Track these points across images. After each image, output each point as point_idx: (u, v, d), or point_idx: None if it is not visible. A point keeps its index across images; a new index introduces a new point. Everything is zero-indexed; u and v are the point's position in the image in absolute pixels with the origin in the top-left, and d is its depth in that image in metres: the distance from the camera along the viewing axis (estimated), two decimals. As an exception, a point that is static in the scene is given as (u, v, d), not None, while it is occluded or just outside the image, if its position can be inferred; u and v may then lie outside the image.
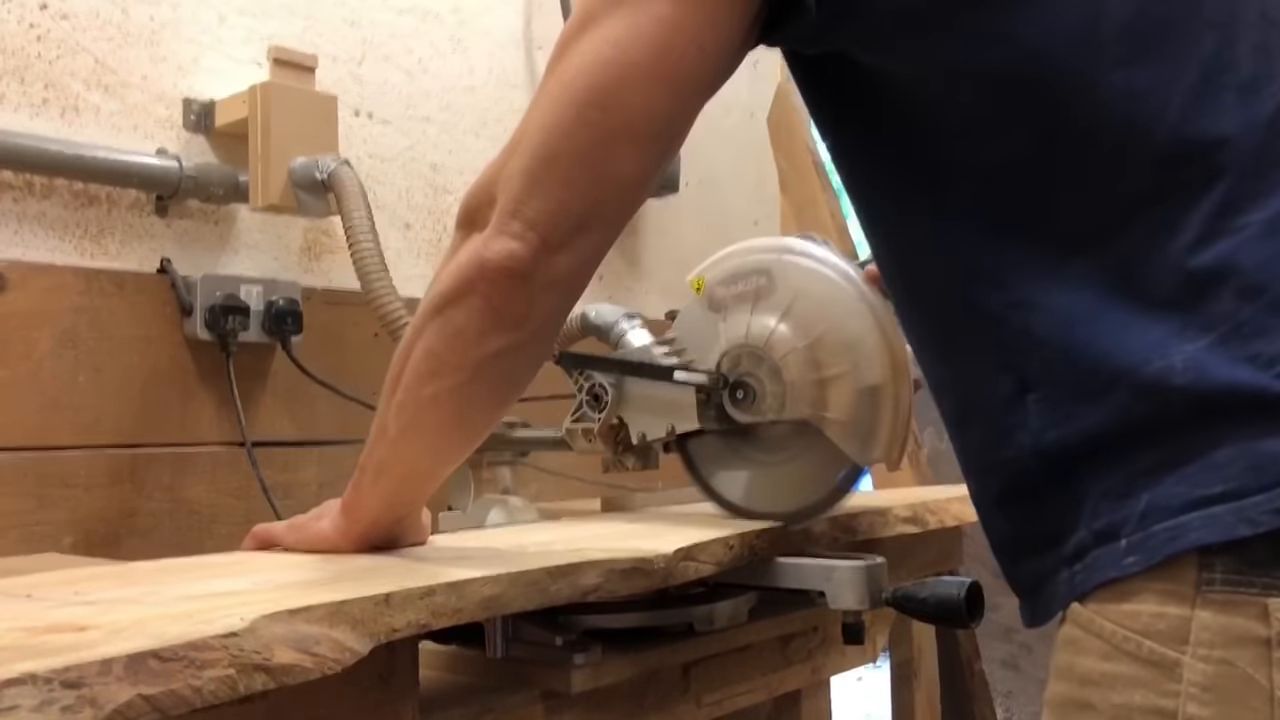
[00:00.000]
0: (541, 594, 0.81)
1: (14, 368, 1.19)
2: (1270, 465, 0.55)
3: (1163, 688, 0.57)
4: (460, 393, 0.78)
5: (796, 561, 1.06)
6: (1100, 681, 0.60)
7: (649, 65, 0.67)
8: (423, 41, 1.66)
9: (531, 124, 0.71)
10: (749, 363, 1.07)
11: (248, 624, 0.58)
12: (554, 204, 0.70)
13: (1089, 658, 0.61)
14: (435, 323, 0.76)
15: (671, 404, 1.13)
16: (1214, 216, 0.60)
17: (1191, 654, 0.56)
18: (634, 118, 0.69)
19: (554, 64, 0.71)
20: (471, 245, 0.74)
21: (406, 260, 1.62)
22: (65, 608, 0.68)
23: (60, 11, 1.26)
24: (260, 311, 1.37)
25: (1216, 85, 0.62)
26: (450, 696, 0.92)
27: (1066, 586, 0.63)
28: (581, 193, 0.70)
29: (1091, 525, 0.61)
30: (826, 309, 1.01)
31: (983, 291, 0.67)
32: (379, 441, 0.84)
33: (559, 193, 0.70)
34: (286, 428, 1.43)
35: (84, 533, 1.23)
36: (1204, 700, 0.55)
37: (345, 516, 0.89)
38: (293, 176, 1.32)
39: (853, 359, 0.99)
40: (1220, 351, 0.58)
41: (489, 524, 1.25)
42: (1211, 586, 0.56)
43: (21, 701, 0.46)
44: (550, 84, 0.71)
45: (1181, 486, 0.57)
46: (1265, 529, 0.54)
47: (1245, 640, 0.55)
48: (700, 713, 1.10)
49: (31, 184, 1.24)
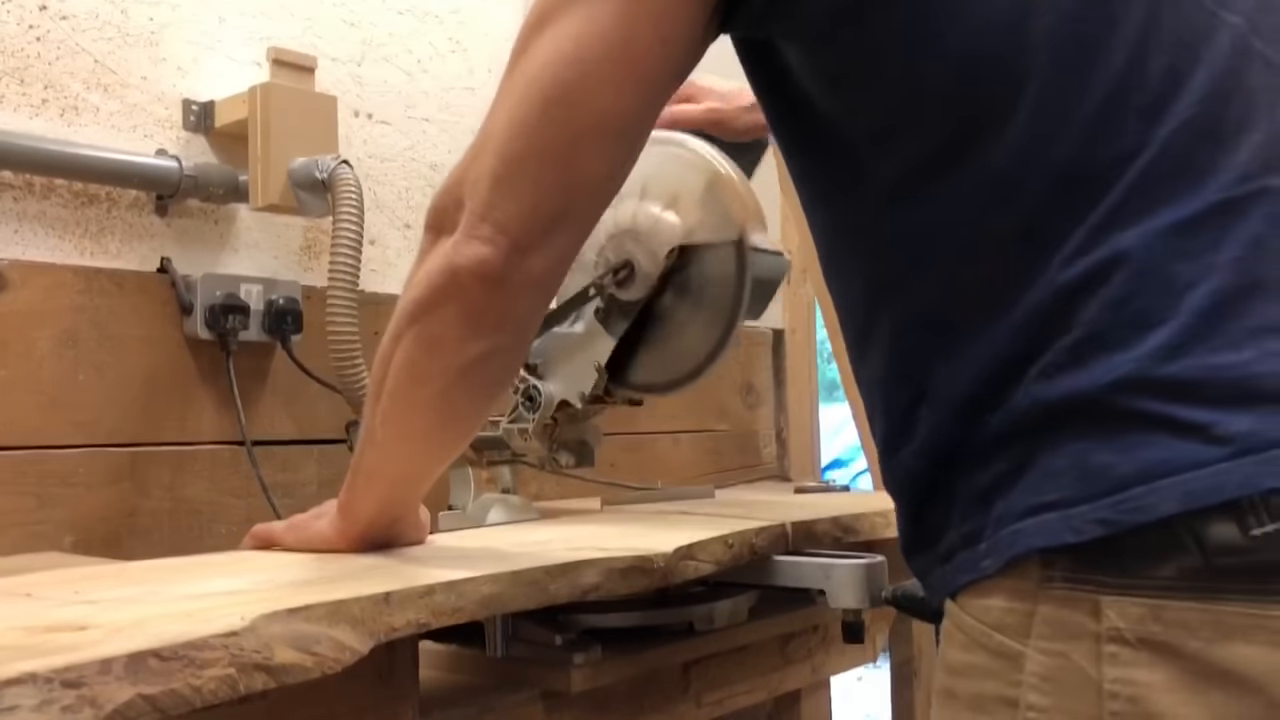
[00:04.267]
0: (541, 593, 0.81)
1: (14, 367, 1.19)
2: (1097, 476, 0.57)
3: (1009, 678, 0.60)
4: (444, 398, 0.78)
5: (796, 560, 1.07)
6: (962, 671, 0.64)
7: (611, 60, 0.67)
8: (422, 42, 1.66)
9: (496, 124, 0.70)
10: (630, 244, 1.16)
11: (248, 623, 0.58)
12: (524, 206, 0.69)
13: (954, 649, 0.64)
14: (412, 331, 0.76)
15: (585, 344, 1.16)
16: (1096, 229, 0.60)
17: (1033, 647, 0.59)
18: (600, 114, 0.68)
19: (514, 62, 0.71)
20: (441, 251, 0.73)
21: (406, 260, 1.62)
22: (65, 607, 0.68)
23: (60, 12, 1.26)
24: (260, 311, 1.37)
25: (1121, 105, 0.61)
26: (450, 696, 0.92)
27: (940, 584, 0.66)
28: (551, 193, 0.69)
29: (960, 529, 0.64)
30: (680, 177, 1.13)
31: (889, 301, 0.68)
32: (368, 447, 0.84)
33: (528, 194, 0.69)
34: (286, 427, 1.43)
35: (84, 532, 1.23)
36: (1043, 690, 0.58)
37: (342, 517, 0.90)
38: (292, 177, 1.32)
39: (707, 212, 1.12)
40: (1072, 363, 0.59)
41: (489, 523, 1.25)
42: (1052, 584, 0.59)
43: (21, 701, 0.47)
44: (512, 82, 0.70)
45: (1025, 494, 0.60)
46: (1088, 537, 0.57)
47: (1079, 634, 0.57)
48: (700, 712, 1.10)
49: (31, 184, 1.24)
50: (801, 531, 1.10)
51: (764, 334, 2.28)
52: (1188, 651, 0.55)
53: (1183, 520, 0.55)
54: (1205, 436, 0.56)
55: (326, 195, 1.31)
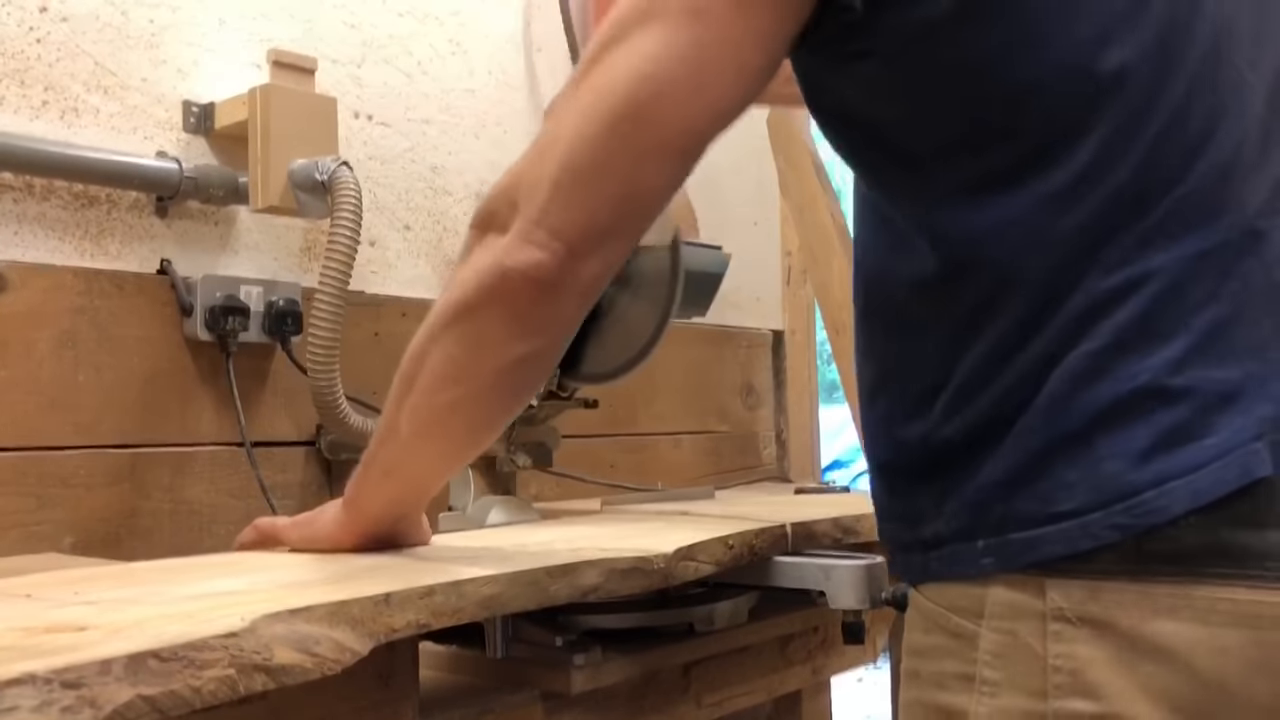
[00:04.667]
0: (541, 594, 0.81)
1: (14, 368, 1.19)
2: (1107, 485, 0.62)
3: (965, 655, 0.65)
4: (479, 399, 0.79)
5: (796, 561, 1.07)
6: (924, 652, 0.69)
7: (687, 84, 0.67)
8: (422, 44, 1.66)
9: (560, 132, 0.70)
10: None
11: (248, 624, 0.58)
12: (581, 215, 0.70)
13: (915, 633, 0.70)
14: (456, 330, 0.76)
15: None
16: (1135, 246, 0.64)
17: (986, 626, 0.64)
18: (667, 134, 0.69)
19: (586, 70, 0.70)
20: (492, 252, 0.73)
21: (406, 261, 1.62)
22: (65, 608, 0.68)
23: (60, 14, 1.27)
24: (260, 312, 1.37)
25: (1170, 139, 0.66)
26: (450, 696, 0.92)
27: (921, 568, 0.70)
28: (609, 204, 0.70)
29: (952, 521, 0.67)
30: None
31: (932, 294, 0.71)
32: (388, 442, 0.84)
33: (587, 204, 0.70)
34: (286, 428, 1.43)
35: (84, 533, 1.23)
36: (994, 666, 0.64)
37: (348, 513, 0.89)
38: (293, 178, 1.32)
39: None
40: (1094, 370, 0.63)
41: (489, 524, 1.25)
42: (1000, 572, 0.64)
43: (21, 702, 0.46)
44: (581, 94, 0.70)
45: (1036, 503, 0.63)
46: (1104, 542, 0.61)
47: (1026, 614, 0.63)
48: (700, 713, 1.10)
49: (31, 185, 1.24)
50: (801, 532, 1.10)
51: (764, 335, 2.28)
52: (1121, 628, 0.60)
53: (1185, 518, 0.60)
54: (1200, 439, 0.62)
55: (326, 197, 1.31)
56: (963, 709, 0.65)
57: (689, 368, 2.05)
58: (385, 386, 1.50)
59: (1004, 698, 0.63)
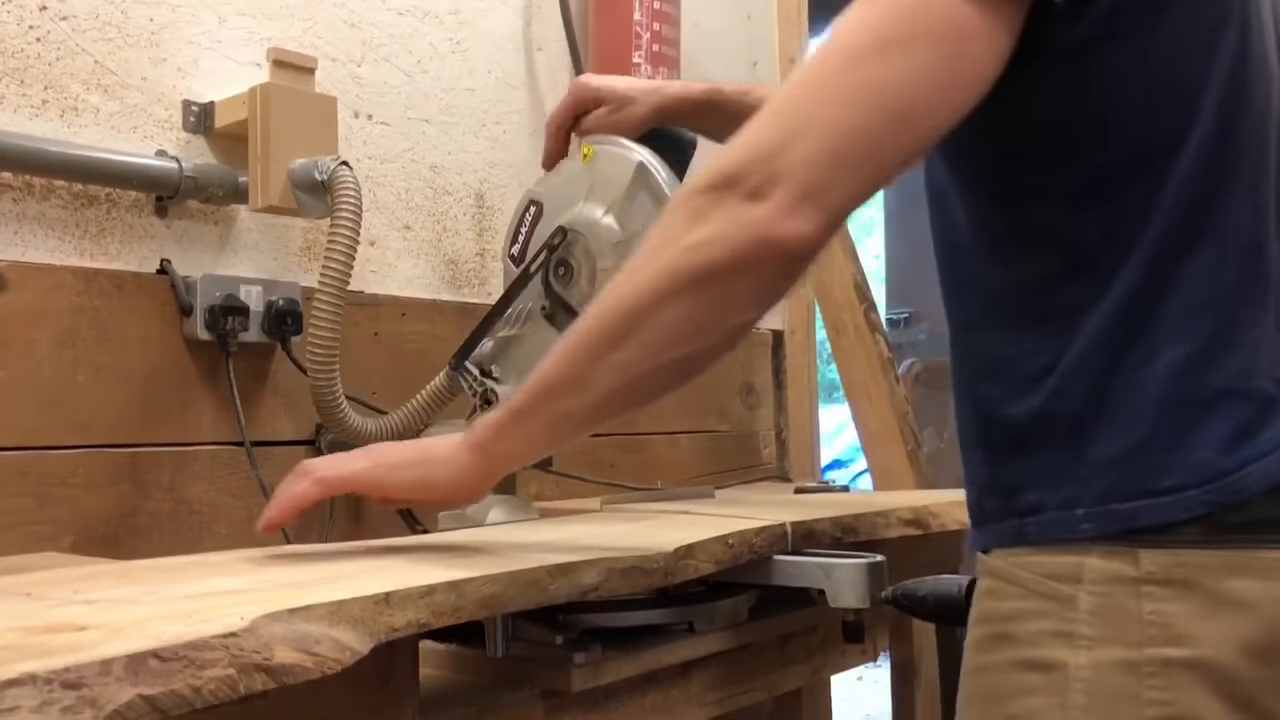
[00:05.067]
0: (541, 593, 0.81)
1: (14, 368, 1.19)
2: (1200, 468, 0.74)
3: (1064, 616, 0.75)
4: (704, 360, 0.82)
5: (796, 560, 1.07)
6: (1016, 616, 0.78)
7: (949, 92, 0.75)
8: (422, 43, 1.66)
9: (827, 114, 0.74)
10: (576, 243, 1.20)
11: (248, 624, 0.58)
12: (847, 197, 0.75)
13: (1007, 600, 0.79)
14: (702, 293, 0.76)
15: (534, 343, 1.24)
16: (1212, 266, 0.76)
17: (1084, 590, 0.75)
18: (928, 134, 0.76)
19: (850, 66, 0.75)
20: (745, 219, 0.74)
21: (406, 260, 1.62)
22: (65, 607, 0.68)
23: (60, 13, 1.26)
24: (260, 312, 1.37)
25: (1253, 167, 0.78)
26: (450, 696, 0.92)
27: (1014, 533, 0.79)
28: (870, 189, 0.76)
29: (1055, 492, 0.77)
30: (620, 181, 1.16)
31: (1042, 289, 0.79)
32: (571, 394, 0.82)
33: (855, 187, 0.75)
34: (286, 428, 1.43)
35: (84, 532, 1.23)
36: (1093, 623, 0.74)
37: (483, 460, 0.87)
38: (292, 177, 1.32)
39: None
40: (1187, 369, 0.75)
41: (489, 523, 1.25)
42: (1096, 543, 0.76)
43: (21, 702, 0.47)
44: (850, 86, 0.74)
45: (1138, 478, 0.75)
46: (1195, 514, 0.73)
47: (1122, 578, 0.74)
48: (700, 712, 1.10)
49: (31, 185, 1.24)
50: (801, 531, 1.11)
51: (764, 335, 2.28)
52: (1204, 586, 0.73)
53: (1258, 495, 0.73)
54: (1263, 433, 0.75)
55: (326, 197, 1.31)
56: (1061, 661, 0.75)
57: (689, 367, 2.05)
58: (385, 386, 1.51)
59: (1100, 650, 0.74)
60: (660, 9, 1.83)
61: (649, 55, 1.80)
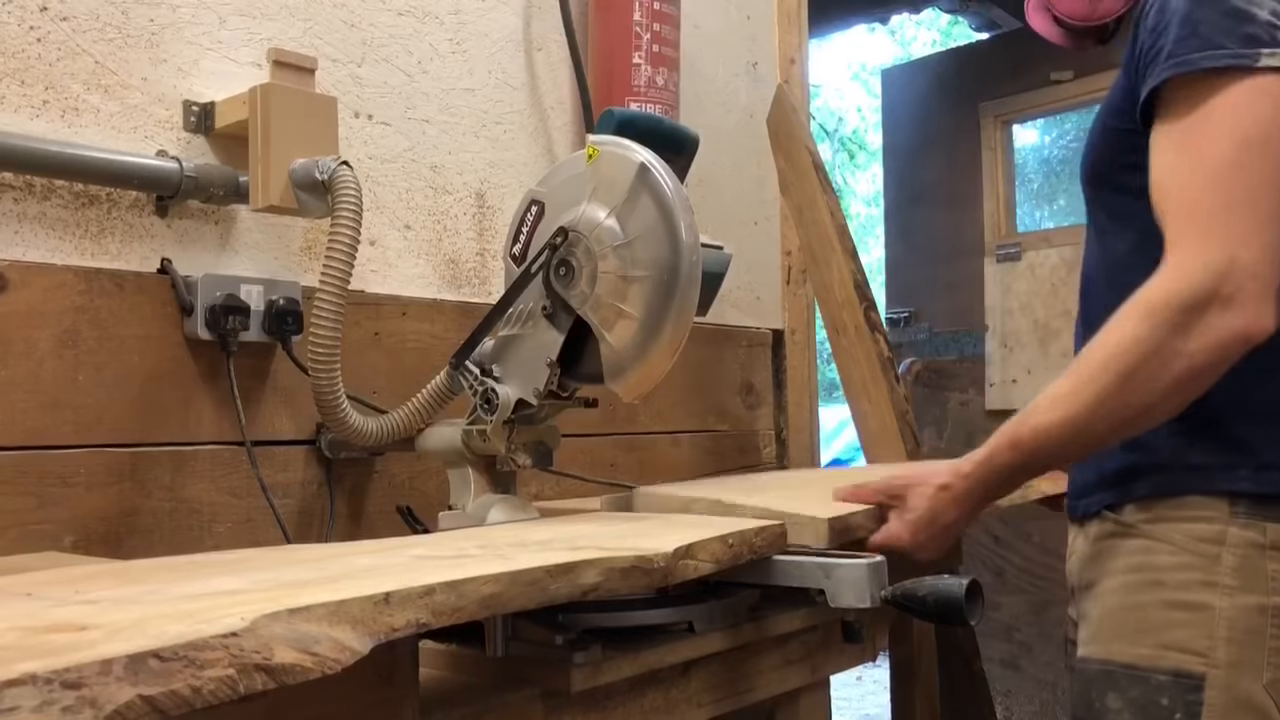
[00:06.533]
0: (541, 593, 0.81)
1: (14, 367, 1.19)
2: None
3: (1209, 570, 1.04)
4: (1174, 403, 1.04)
5: (796, 560, 1.07)
6: (1172, 568, 1.05)
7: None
8: (422, 43, 1.66)
9: (1232, 213, 0.96)
10: (578, 243, 1.21)
11: (248, 624, 0.58)
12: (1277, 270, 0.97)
13: (1162, 555, 1.06)
14: (1185, 390, 0.98)
15: (535, 343, 1.25)
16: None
17: (1226, 551, 1.04)
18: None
19: (1234, 176, 0.96)
20: (1234, 327, 0.95)
21: (406, 260, 1.62)
22: (65, 607, 0.68)
23: (60, 14, 1.27)
24: (260, 311, 1.37)
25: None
26: (450, 695, 0.92)
27: (1225, 483, 1.05)
28: None
29: (1260, 458, 1.04)
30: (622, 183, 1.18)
31: None
32: (1093, 422, 1.01)
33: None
34: (286, 427, 1.43)
35: (84, 532, 1.23)
36: (1233, 576, 1.03)
37: (977, 490, 1.12)
38: (293, 177, 1.32)
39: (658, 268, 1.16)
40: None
41: (489, 522, 1.25)
42: (1237, 517, 1.04)
43: (21, 702, 0.47)
44: (1235, 186, 0.96)
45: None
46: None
47: (1255, 545, 1.03)
48: (700, 712, 1.10)
49: (32, 185, 1.24)
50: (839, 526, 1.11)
51: (764, 334, 2.28)
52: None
53: None
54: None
55: (326, 196, 1.31)
56: (1208, 603, 1.03)
57: (689, 367, 2.06)
58: (385, 385, 1.51)
59: (1240, 596, 1.02)
60: (660, 9, 1.83)
61: (649, 55, 1.80)
